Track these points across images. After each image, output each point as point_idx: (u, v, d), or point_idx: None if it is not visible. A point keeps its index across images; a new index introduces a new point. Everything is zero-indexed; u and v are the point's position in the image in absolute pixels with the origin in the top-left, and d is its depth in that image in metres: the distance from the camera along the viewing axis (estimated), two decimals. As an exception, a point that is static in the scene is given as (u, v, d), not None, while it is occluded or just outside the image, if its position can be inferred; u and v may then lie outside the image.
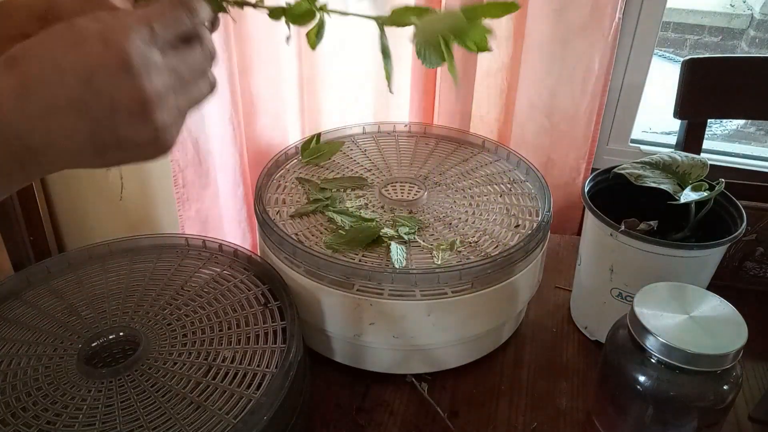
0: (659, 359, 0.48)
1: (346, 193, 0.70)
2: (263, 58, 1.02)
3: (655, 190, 0.63)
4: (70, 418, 0.47)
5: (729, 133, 1.98)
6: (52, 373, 0.51)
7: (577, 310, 0.73)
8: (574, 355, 0.69)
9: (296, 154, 0.77)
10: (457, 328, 0.61)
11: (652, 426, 0.50)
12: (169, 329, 0.56)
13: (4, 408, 0.48)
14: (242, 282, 0.61)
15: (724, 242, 0.59)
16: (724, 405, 0.48)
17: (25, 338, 0.55)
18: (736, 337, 0.47)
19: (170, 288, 0.61)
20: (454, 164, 0.77)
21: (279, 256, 0.63)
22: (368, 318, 0.59)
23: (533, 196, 0.71)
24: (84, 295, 0.60)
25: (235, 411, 0.48)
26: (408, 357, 0.64)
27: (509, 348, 0.70)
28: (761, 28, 2.25)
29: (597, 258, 0.66)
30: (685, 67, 0.97)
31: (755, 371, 0.67)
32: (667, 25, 2.32)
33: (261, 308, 0.58)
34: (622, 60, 1.13)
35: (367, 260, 0.60)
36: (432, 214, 0.67)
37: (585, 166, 1.16)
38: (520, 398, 0.64)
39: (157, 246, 0.66)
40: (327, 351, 0.66)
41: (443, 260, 0.60)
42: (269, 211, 0.66)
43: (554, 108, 1.12)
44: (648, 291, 0.52)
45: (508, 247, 0.62)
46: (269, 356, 0.53)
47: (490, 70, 1.13)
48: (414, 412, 0.62)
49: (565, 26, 1.04)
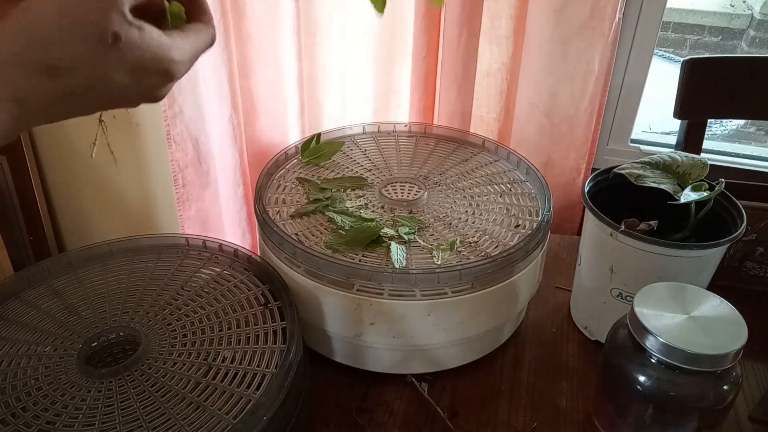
0: (659, 359, 0.48)
1: (346, 193, 0.70)
2: (263, 59, 1.02)
3: (655, 190, 0.63)
4: (70, 417, 0.47)
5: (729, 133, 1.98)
6: (52, 372, 0.51)
7: (577, 310, 0.73)
8: (574, 355, 0.69)
9: (296, 154, 0.77)
10: (457, 328, 0.61)
11: (652, 426, 0.50)
12: (169, 329, 0.56)
13: (4, 408, 0.48)
14: (242, 282, 0.61)
15: (724, 242, 0.59)
16: (724, 405, 0.48)
17: (26, 338, 0.55)
18: (736, 337, 0.47)
19: (170, 288, 0.61)
20: (454, 164, 0.77)
21: (279, 256, 0.63)
22: (368, 318, 0.59)
23: (533, 196, 0.71)
24: (84, 295, 0.60)
25: (235, 411, 0.48)
26: (408, 357, 0.64)
27: (509, 348, 0.70)
28: (761, 28, 2.25)
29: (597, 258, 0.66)
30: (685, 67, 0.97)
31: (755, 371, 0.67)
32: (667, 25, 2.32)
33: (261, 308, 0.58)
34: (622, 60, 1.13)
35: (367, 260, 0.60)
36: (432, 214, 0.67)
37: (585, 166, 1.16)
38: (520, 398, 0.64)
39: (157, 246, 0.66)
40: (327, 351, 0.66)
41: (443, 260, 0.60)
42: (269, 211, 0.66)
43: (554, 108, 1.12)
44: (648, 291, 0.52)
45: (508, 247, 0.62)
46: (269, 356, 0.53)
47: (490, 70, 1.13)
48: (414, 412, 0.62)
49: (565, 26, 1.05)
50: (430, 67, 1.10)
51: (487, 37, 1.10)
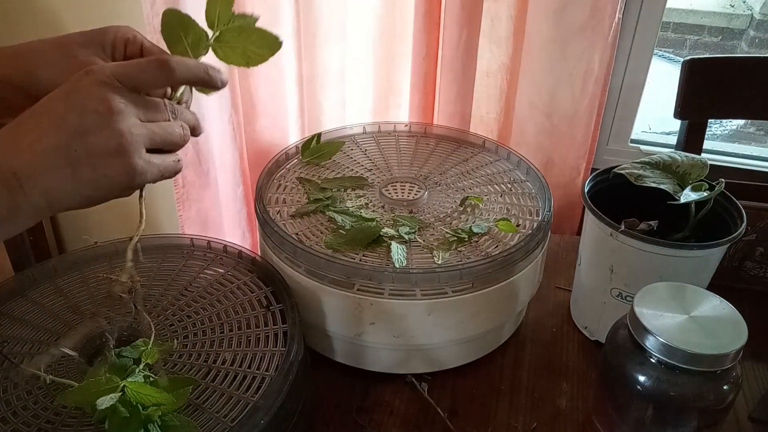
0: (659, 359, 0.48)
1: (346, 192, 0.70)
2: (263, 58, 1.02)
3: (655, 190, 0.63)
4: (70, 417, 0.47)
5: (729, 133, 1.98)
6: (54, 371, 0.51)
7: (577, 310, 0.74)
8: (574, 355, 0.69)
9: (297, 154, 0.77)
10: (457, 328, 0.61)
11: (652, 426, 0.51)
12: (171, 330, 0.56)
13: (5, 406, 0.48)
14: (245, 284, 0.61)
15: (724, 242, 0.59)
16: (724, 405, 0.48)
17: (29, 336, 0.55)
18: (736, 337, 0.47)
19: (174, 288, 0.61)
20: (454, 164, 0.77)
21: (279, 256, 0.63)
22: (369, 318, 0.59)
23: (533, 196, 0.71)
24: (88, 293, 0.60)
25: (233, 414, 0.48)
26: (408, 357, 0.64)
27: (509, 348, 0.70)
28: (761, 28, 2.25)
29: (597, 258, 0.66)
30: (685, 67, 0.97)
31: (755, 371, 0.67)
32: (667, 25, 2.32)
33: (264, 311, 0.58)
34: (622, 60, 1.13)
35: (367, 260, 0.60)
36: (432, 213, 0.67)
37: (585, 166, 1.16)
38: (520, 398, 0.64)
39: (161, 246, 0.66)
40: (327, 351, 0.66)
41: (443, 260, 0.60)
42: (270, 210, 0.66)
43: (554, 108, 1.12)
44: (648, 291, 0.52)
45: (508, 247, 0.62)
46: (269, 359, 0.53)
47: (490, 70, 1.13)
48: (414, 412, 0.62)
49: (565, 26, 1.05)
50: (430, 67, 1.10)
51: (487, 37, 1.10)
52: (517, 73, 1.12)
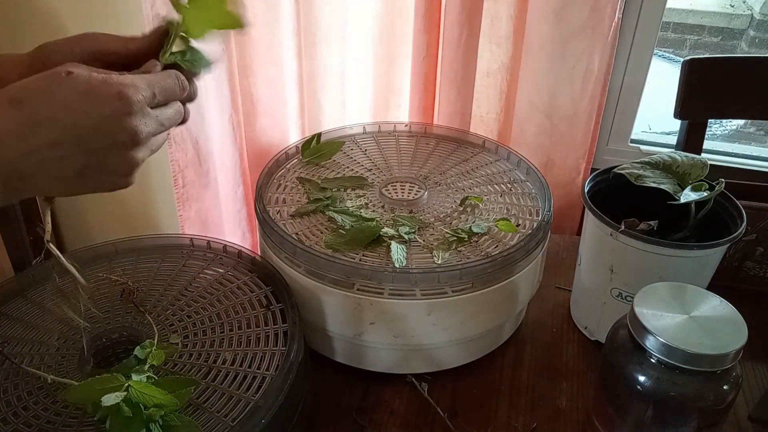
0: (659, 359, 0.48)
1: (346, 192, 0.70)
2: (263, 59, 1.02)
3: (655, 190, 0.63)
4: (70, 417, 0.47)
5: (729, 133, 1.98)
6: (54, 371, 0.51)
7: (577, 310, 0.74)
8: (574, 355, 0.70)
9: (297, 154, 0.77)
10: (457, 328, 0.61)
11: (652, 426, 0.51)
12: (171, 330, 0.56)
13: (5, 406, 0.48)
14: (245, 284, 0.61)
15: (724, 242, 0.59)
16: (724, 405, 0.48)
17: (29, 336, 0.55)
18: (736, 337, 0.47)
19: (174, 288, 0.61)
20: (454, 164, 0.77)
21: (279, 256, 0.63)
22: (368, 317, 0.59)
23: (533, 196, 0.71)
24: (89, 293, 0.60)
25: (234, 413, 0.48)
26: (408, 357, 0.64)
27: (509, 348, 0.70)
28: (761, 28, 2.25)
29: (597, 258, 0.66)
30: (685, 67, 0.97)
31: (755, 371, 0.67)
32: (667, 25, 2.32)
33: (263, 310, 0.58)
34: (622, 60, 1.13)
35: (367, 260, 0.60)
36: (432, 213, 0.67)
37: (585, 166, 1.16)
38: (520, 398, 0.64)
39: (161, 246, 0.66)
40: (327, 351, 0.66)
41: (443, 260, 0.60)
42: (270, 210, 0.66)
43: (554, 108, 1.12)
44: (648, 291, 0.52)
45: (508, 247, 0.62)
46: (269, 359, 0.53)
47: (490, 70, 1.13)
48: (414, 412, 0.62)
49: (565, 26, 1.05)
50: (430, 67, 1.10)
51: (487, 37, 1.10)
52: (517, 73, 1.12)
